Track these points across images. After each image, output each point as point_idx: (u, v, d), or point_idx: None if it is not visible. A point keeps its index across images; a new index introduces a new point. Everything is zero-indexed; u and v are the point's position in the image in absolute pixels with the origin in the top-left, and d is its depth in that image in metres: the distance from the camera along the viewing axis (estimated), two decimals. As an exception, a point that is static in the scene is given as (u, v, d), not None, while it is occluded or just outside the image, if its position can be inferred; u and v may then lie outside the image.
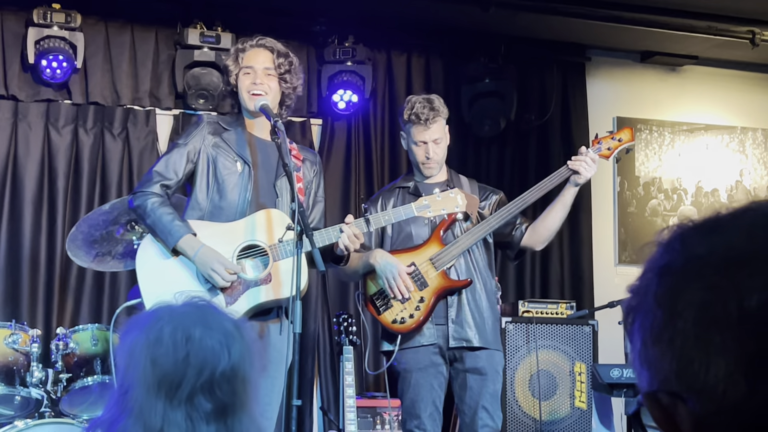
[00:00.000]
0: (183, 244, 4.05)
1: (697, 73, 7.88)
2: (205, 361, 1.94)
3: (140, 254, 4.16)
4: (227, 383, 1.95)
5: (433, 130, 4.65)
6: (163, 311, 2.02)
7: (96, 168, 6.47)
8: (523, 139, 7.40)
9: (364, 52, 6.90)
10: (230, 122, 4.32)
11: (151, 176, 4.19)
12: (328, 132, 7.04)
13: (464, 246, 4.59)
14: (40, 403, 4.90)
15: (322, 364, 6.71)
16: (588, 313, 6.07)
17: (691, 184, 7.84)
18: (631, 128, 4.91)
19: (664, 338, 0.94)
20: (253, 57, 4.30)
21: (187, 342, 1.95)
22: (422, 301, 4.54)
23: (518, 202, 4.63)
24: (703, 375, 0.91)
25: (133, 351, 1.98)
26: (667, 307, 0.94)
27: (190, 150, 4.20)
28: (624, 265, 7.56)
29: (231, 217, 4.15)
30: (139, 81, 6.60)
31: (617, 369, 5.57)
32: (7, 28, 6.34)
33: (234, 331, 2.01)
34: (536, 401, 5.80)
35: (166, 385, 1.93)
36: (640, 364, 0.98)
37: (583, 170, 4.59)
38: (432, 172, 4.71)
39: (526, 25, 7.02)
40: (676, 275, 0.95)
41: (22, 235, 6.28)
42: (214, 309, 2.06)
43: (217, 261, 4.03)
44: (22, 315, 6.06)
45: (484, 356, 4.57)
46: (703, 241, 0.95)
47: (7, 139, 6.33)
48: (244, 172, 4.20)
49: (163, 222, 4.06)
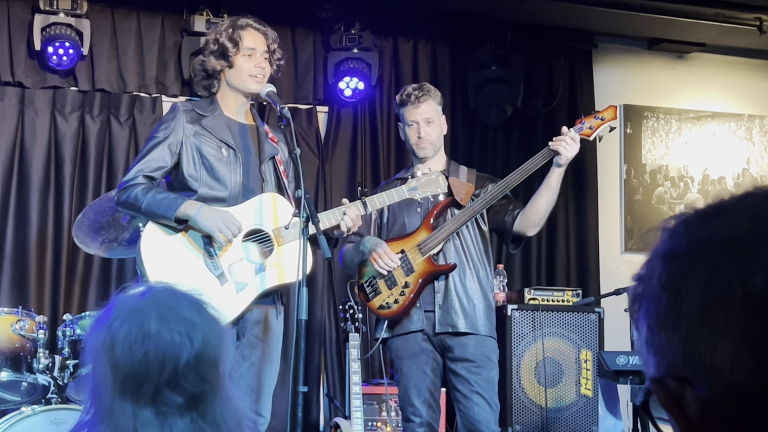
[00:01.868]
0: (183, 209, 3.96)
1: (704, 61, 7.86)
2: (166, 355, 1.89)
3: (144, 239, 4.09)
4: (194, 373, 1.91)
5: (423, 109, 4.68)
6: (119, 309, 1.96)
7: (102, 155, 6.47)
8: (530, 126, 7.39)
9: (371, 39, 6.89)
10: (205, 107, 4.22)
11: (133, 173, 4.09)
12: (335, 119, 7.03)
13: (449, 231, 4.60)
14: (47, 389, 4.91)
15: (328, 351, 6.73)
16: (594, 300, 6.07)
17: (697, 171, 7.83)
18: (615, 107, 4.80)
19: (670, 322, 0.95)
20: (251, 39, 4.23)
21: (143, 339, 1.89)
22: (407, 287, 4.57)
23: (501, 185, 4.62)
24: (709, 356, 0.92)
25: (94, 354, 1.94)
26: (672, 291, 0.95)
27: (171, 142, 4.10)
28: (630, 253, 7.56)
29: (225, 202, 4.09)
30: (145, 68, 6.60)
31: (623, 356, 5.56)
32: (14, 15, 6.34)
33: (195, 316, 1.95)
34: (542, 388, 5.80)
35: (130, 385, 1.89)
36: (647, 350, 0.98)
37: (563, 150, 4.53)
38: (426, 153, 4.69)
39: (533, 11, 7.00)
40: (681, 259, 0.95)
41: (29, 222, 6.29)
42: (174, 296, 1.99)
43: (219, 218, 3.96)
44: (29, 301, 6.08)
45: (472, 343, 4.56)
46: (707, 224, 0.96)
47: (13, 126, 6.34)
48: (230, 157, 4.13)
49: (158, 198, 3.98)
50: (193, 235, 4.07)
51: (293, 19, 6.89)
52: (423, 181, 4.37)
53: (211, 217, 3.97)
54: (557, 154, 4.55)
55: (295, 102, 6.87)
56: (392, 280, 4.58)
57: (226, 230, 3.96)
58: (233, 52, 4.19)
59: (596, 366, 5.83)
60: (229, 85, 4.25)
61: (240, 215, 4.07)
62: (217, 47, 4.23)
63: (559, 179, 4.63)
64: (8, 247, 6.23)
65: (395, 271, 4.58)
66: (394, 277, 4.58)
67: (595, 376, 5.85)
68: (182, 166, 4.11)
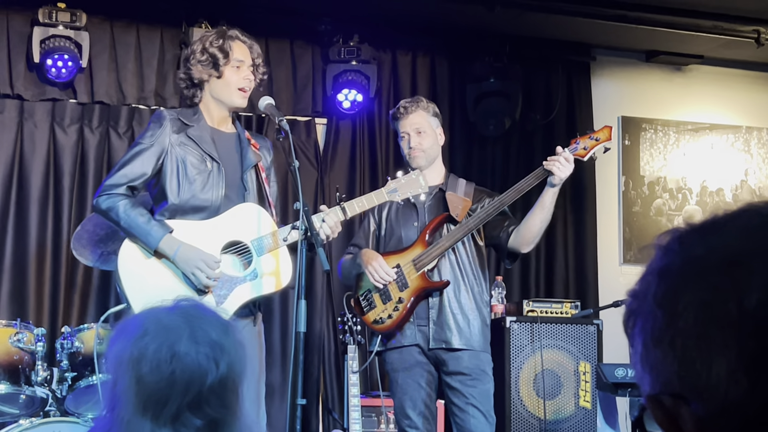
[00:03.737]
0: (163, 245, 3.97)
1: (702, 73, 7.87)
2: (192, 377, 1.88)
3: (121, 257, 4.06)
4: (216, 397, 1.90)
5: (413, 119, 4.73)
6: (149, 323, 1.95)
7: (102, 167, 6.47)
8: (528, 139, 7.39)
9: (369, 51, 6.90)
10: (190, 116, 4.20)
11: (117, 178, 4.08)
12: (333, 131, 7.04)
13: (444, 247, 4.60)
14: (45, 401, 4.90)
15: (326, 363, 6.72)
16: (593, 312, 6.07)
17: (696, 183, 7.83)
18: (610, 127, 4.76)
19: (665, 340, 0.95)
20: (240, 51, 4.22)
21: (172, 359, 1.89)
22: (401, 302, 4.58)
23: (496, 203, 4.63)
24: (705, 375, 0.92)
25: (119, 365, 1.92)
26: (668, 309, 0.95)
27: (156, 150, 4.09)
28: (629, 265, 7.56)
29: (205, 215, 4.08)
30: (144, 80, 6.60)
31: (622, 368, 5.57)
32: (13, 28, 6.35)
33: (222, 339, 1.94)
34: (541, 401, 5.80)
35: (152, 403, 1.88)
36: (642, 367, 0.98)
37: (557, 170, 4.53)
38: (418, 162, 4.70)
39: (531, 24, 7.01)
40: (676, 276, 0.96)
41: (28, 234, 6.29)
42: (202, 315, 1.99)
43: (198, 259, 3.97)
44: (28, 313, 6.07)
45: (466, 357, 4.58)
46: (702, 242, 0.96)
47: (12, 138, 6.34)
48: (213, 170, 4.12)
49: (139, 223, 3.98)
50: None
51: (292, 31, 6.90)
52: (403, 182, 4.36)
53: (188, 258, 3.98)
54: (551, 173, 4.56)
55: (294, 114, 6.87)
56: (387, 294, 4.59)
57: (206, 271, 3.97)
58: (223, 62, 4.18)
59: (595, 378, 5.83)
60: (213, 96, 4.22)
61: (219, 227, 4.07)
62: (205, 56, 4.20)
63: (553, 198, 4.63)
64: (7, 259, 6.23)
65: (390, 285, 4.59)
66: (388, 292, 4.59)
67: (594, 389, 5.84)
68: (165, 175, 4.10)
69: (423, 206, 4.76)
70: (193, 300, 2.06)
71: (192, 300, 2.06)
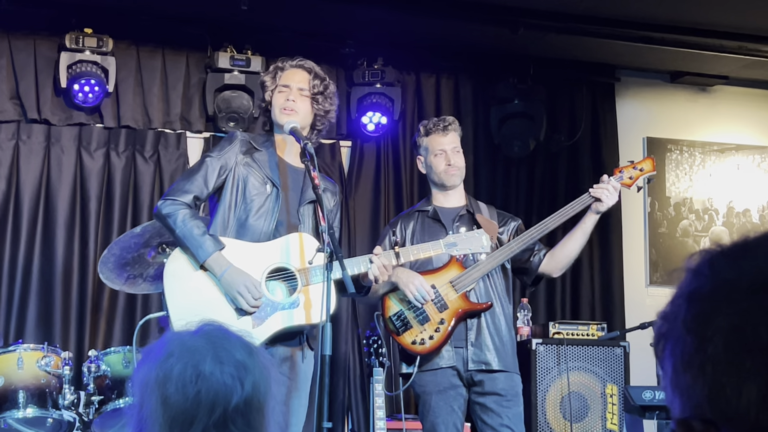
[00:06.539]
0: (212, 262, 4.02)
1: (727, 93, 7.85)
2: (217, 397, 1.89)
3: (169, 267, 4.12)
4: (241, 417, 1.90)
5: (451, 138, 4.76)
6: (174, 344, 1.96)
7: (128, 191, 6.52)
8: (553, 160, 7.39)
9: (393, 74, 6.92)
10: (262, 142, 4.31)
11: (183, 186, 4.16)
12: (357, 154, 7.05)
13: (485, 270, 4.60)
14: (72, 425, 4.92)
15: (352, 385, 6.71)
16: (619, 334, 6.03)
17: (722, 204, 7.79)
18: (653, 158, 4.85)
19: (695, 364, 0.94)
20: (290, 76, 4.33)
21: (197, 379, 1.89)
22: (442, 323, 4.55)
23: (540, 228, 4.64)
24: (735, 400, 0.91)
25: (145, 387, 1.94)
26: (697, 333, 0.94)
27: (222, 165, 4.19)
28: (655, 286, 7.52)
29: (256, 238, 4.13)
30: (170, 104, 6.65)
31: (649, 391, 5.52)
32: (40, 53, 6.41)
33: (247, 359, 1.95)
34: (567, 423, 5.76)
35: (179, 424, 1.88)
36: (672, 390, 0.97)
37: (605, 198, 4.57)
38: (454, 181, 4.74)
39: (555, 45, 7.02)
40: (705, 300, 0.95)
41: (55, 258, 6.33)
42: (226, 337, 2.00)
43: (242, 284, 4.01)
44: (55, 337, 6.10)
45: (502, 378, 4.57)
46: (732, 265, 0.95)
47: (40, 162, 6.40)
48: (272, 195, 4.19)
49: (194, 235, 4.03)
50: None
51: (316, 54, 6.84)
52: (464, 238, 4.36)
53: (234, 282, 4.01)
54: (597, 200, 4.58)
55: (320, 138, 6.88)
56: (424, 315, 4.57)
57: (247, 297, 4.00)
58: (270, 88, 4.32)
59: (622, 401, 5.79)
60: (273, 121, 4.34)
61: (267, 252, 4.10)
62: (261, 84, 4.42)
63: (593, 225, 4.68)
64: (34, 283, 6.27)
65: (426, 305, 4.57)
66: (426, 313, 4.57)
67: (621, 411, 5.80)
68: (225, 191, 4.18)
69: (452, 226, 4.75)
70: (218, 323, 2.07)
71: (216, 323, 2.07)
